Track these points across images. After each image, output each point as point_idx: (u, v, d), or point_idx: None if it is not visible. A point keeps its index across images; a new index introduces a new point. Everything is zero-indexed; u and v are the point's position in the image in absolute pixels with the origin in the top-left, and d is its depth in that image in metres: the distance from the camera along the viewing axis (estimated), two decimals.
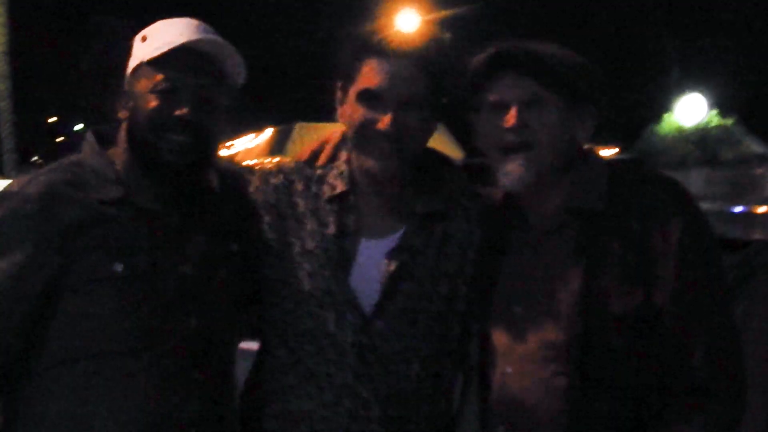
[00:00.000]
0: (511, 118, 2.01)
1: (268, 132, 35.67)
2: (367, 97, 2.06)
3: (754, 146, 43.24)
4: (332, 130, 2.29)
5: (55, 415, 2.01)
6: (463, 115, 2.16)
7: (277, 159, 2.32)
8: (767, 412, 2.68)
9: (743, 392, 1.99)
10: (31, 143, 39.32)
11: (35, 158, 42.32)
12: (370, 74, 2.06)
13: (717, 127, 45.80)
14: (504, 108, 2.03)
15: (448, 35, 2.16)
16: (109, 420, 1.99)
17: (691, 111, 47.85)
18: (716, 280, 2.01)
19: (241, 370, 2.31)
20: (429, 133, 2.14)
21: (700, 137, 44.11)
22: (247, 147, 36.18)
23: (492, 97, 2.06)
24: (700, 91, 48.56)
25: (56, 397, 2.01)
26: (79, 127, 48.92)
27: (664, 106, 46.79)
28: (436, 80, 2.08)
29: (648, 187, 2.06)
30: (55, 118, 50.94)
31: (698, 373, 1.93)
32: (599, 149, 2.10)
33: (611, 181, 2.06)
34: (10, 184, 2.08)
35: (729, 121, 46.36)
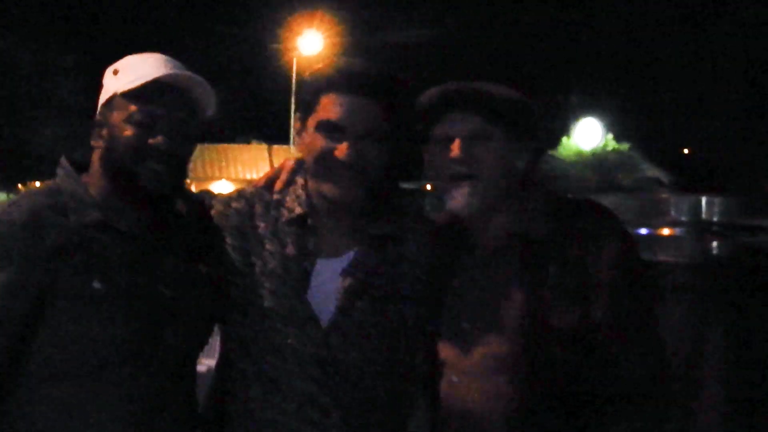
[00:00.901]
0: (456, 149, 2.12)
1: None
2: (326, 127, 2.14)
3: (651, 171, 44.13)
4: (248, 153, 2.33)
5: (39, 430, 2.03)
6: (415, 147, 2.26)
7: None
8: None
9: (671, 396, 2.13)
10: None
11: None
12: (330, 107, 2.14)
13: (614, 152, 46.59)
14: (451, 141, 2.14)
15: (402, 74, 2.23)
16: None
17: (588, 135, 48.58)
18: (645, 299, 2.13)
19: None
20: (383, 162, 2.20)
21: (599, 162, 44.83)
22: None
23: (440, 131, 2.17)
24: (596, 116, 49.37)
25: (40, 413, 2.03)
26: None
27: (564, 131, 47.42)
28: (390, 114, 2.16)
29: (584, 215, 2.18)
30: None
31: (631, 379, 2.06)
32: None
33: (551, 208, 2.18)
34: None
35: (625, 147, 47.23)
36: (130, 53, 2.20)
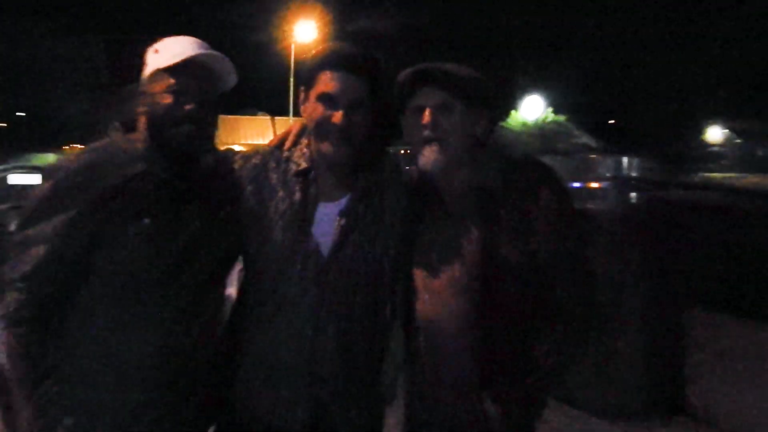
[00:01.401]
0: (426, 117, 2.18)
1: None
2: (324, 98, 2.20)
3: (582, 138, 44.24)
4: (255, 123, 2.38)
5: (96, 344, 2.08)
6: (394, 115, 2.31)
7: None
8: None
9: (596, 311, 2.22)
10: None
11: None
12: (326, 81, 2.20)
13: (553, 122, 46.64)
14: (422, 111, 2.19)
15: (382, 55, 2.27)
16: (138, 344, 2.09)
17: (531, 109, 48.56)
18: (575, 235, 2.20)
19: None
20: (368, 127, 2.25)
21: (540, 131, 44.83)
22: None
23: (414, 103, 2.23)
24: (539, 93, 49.32)
25: (97, 327, 2.09)
26: (20, 114, 46.51)
27: (511, 106, 47.38)
28: (373, 88, 2.23)
29: (527, 169, 2.24)
30: None
31: (562, 296, 2.15)
32: None
33: (501, 165, 2.24)
34: (58, 161, 2.18)
35: (562, 118, 47.25)
36: (146, 39, 2.25)
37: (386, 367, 2.38)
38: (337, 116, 2.20)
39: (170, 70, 2.13)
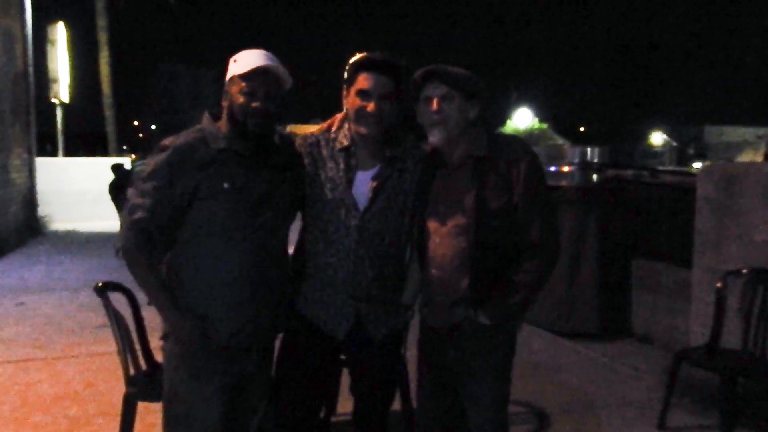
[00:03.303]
0: (434, 104, 2.16)
1: None
2: (360, 93, 2.19)
3: (559, 141, 43.90)
4: (317, 127, 2.39)
5: (197, 267, 2.13)
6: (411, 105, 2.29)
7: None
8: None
9: (558, 248, 2.20)
10: (124, 137, 38.23)
11: (125, 147, 41.19)
12: (362, 80, 2.19)
13: (538, 129, 46.32)
14: (431, 100, 2.17)
15: (403, 61, 2.25)
16: (225, 269, 2.12)
17: (522, 120, 48.21)
18: (543, 191, 2.19)
19: None
20: (394, 113, 2.23)
21: (527, 136, 44.52)
22: None
23: (424, 94, 2.20)
24: (528, 107, 48.92)
25: (192, 257, 2.13)
26: (153, 127, 47.48)
27: (506, 116, 47.09)
28: (398, 84, 2.21)
29: (509, 142, 2.23)
30: (137, 123, 49.40)
31: (534, 237, 2.13)
32: None
33: (490, 139, 2.22)
34: (167, 140, 2.17)
35: (544, 126, 46.90)
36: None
37: (408, 290, 2.36)
38: (371, 106, 2.18)
39: (243, 76, 2.12)
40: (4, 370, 4.51)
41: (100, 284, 2.95)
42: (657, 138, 55.48)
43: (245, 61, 2.14)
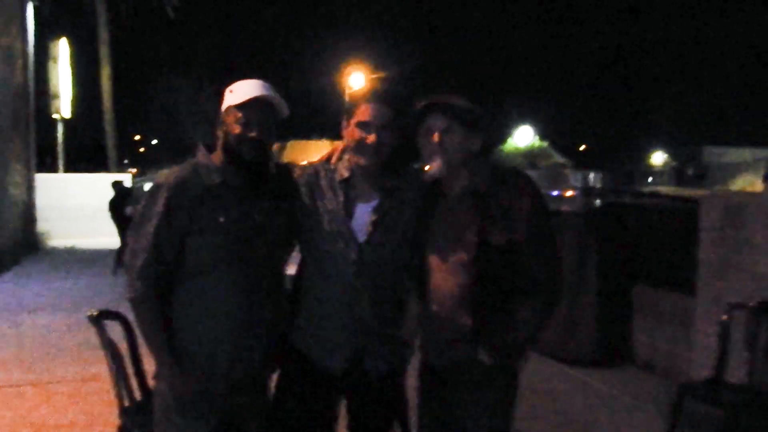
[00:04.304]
0: (435, 137, 2.12)
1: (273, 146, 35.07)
2: (360, 125, 2.16)
3: (558, 158, 44.02)
4: (319, 146, 2.35)
5: (192, 304, 2.10)
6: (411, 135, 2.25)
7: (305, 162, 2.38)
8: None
9: (563, 287, 2.15)
10: (124, 151, 38.20)
11: (125, 161, 41.28)
12: (362, 111, 2.16)
13: (538, 147, 46.37)
14: (432, 132, 2.13)
15: (403, 91, 2.23)
16: (219, 306, 2.09)
17: (523, 137, 48.27)
18: (548, 228, 2.13)
19: None
20: (393, 144, 2.20)
21: (528, 153, 44.58)
22: None
23: (425, 126, 2.16)
24: (529, 125, 49.05)
25: (192, 293, 2.10)
26: (154, 142, 47.61)
27: (507, 134, 47.21)
28: (397, 115, 2.17)
29: (511, 177, 2.17)
30: (138, 137, 49.51)
31: (539, 275, 2.09)
32: None
33: (492, 173, 2.17)
34: (159, 176, 2.15)
35: (545, 144, 46.98)
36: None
37: (407, 325, 2.30)
38: (371, 138, 2.15)
39: (239, 106, 2.10)
40: None
41: (94, 313, 2.91)
42: (657, 158, 55.57)
43: (242, 90, 2.12)
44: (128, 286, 2.07)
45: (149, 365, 2.40)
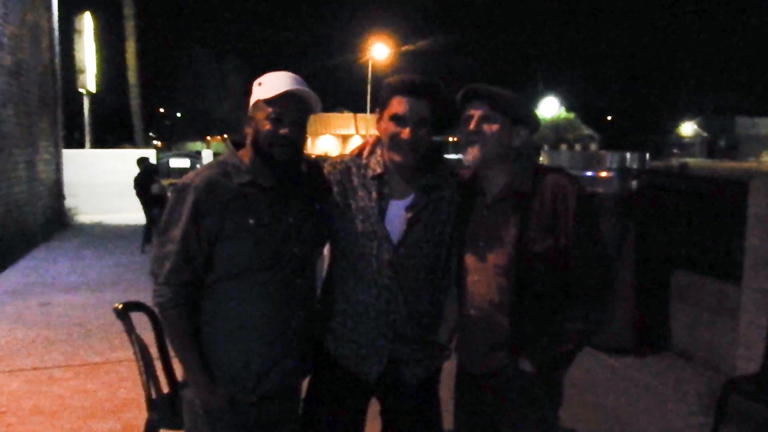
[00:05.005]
0: (472, 124, 2.01)
1: None
2: (395, 118, 2.02)
3: (586, 131, 43.37)
4: (341, 118, 2.18)
5: (221, 312, 1.99)
6: (450, 127, 2.14)
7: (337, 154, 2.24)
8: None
9: (611, 295, 2.01)
10: (150, 125, 38.49)
11: (151, 134, 41.55)
12: (397, 105, 2.02)
13: (564, 119, 45.67)
14: (471, 119, 2.02)
15: (441, 83, 2.07)
16: (251, 313, 1.98)
17: (549, 108, 47.59)
18: (595, 229, 1.99)
19: None
20: (431, 139, 2.08)
21: (554, 125, 43.96)
22: None
23: (464, 114, 2.04)
24: (555, 95, 48.28)
25: (221, 300, 1.99)
26: (178, 115, 47.80)
27: (534, 105, 46.55)
28: (434, 108, 2.03)
29: (555, 176, 2.02)
30: (162, 110, 49.69)
31: (589, 281, 1.96)
32: None
33: (534, 173, 2.04)
34: (186, 178, 2.01)
35: (571, 115, 46.24)
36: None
37: (443, 330, 2.20)
38: (406, 132, 2.01)
39: (270, 101, 1.96)
40: (28, 377, 4.45)
41: (120, 306, 2.84)
42: (687, 128, 54.41)
43: (271, 84, 1.98)
44: (155, 292, 1.96)
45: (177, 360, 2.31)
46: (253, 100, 2.02)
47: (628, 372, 4.71)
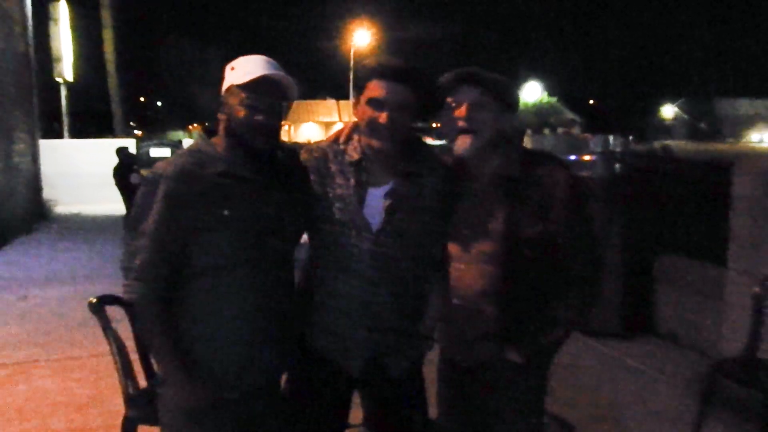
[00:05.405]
0: (462, 110, 1.94)
1: None
2: (372, 102, 1.95)
3: (569, 115, 43.55)
4: (324, 105, 2.11)
5: (199, 307, 1.90)
6: (433, 112, 2.07)
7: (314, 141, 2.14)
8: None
9: (600, 282, 1.96)
10: (130, 114, 38.01)
11: (132, 123, 41.06)
12: (374, 88, 1.94)
13: (547, 103, 45.76)
14: (460, 105, 1.95)
15: (422, 64, 2.00)
16: (229, 307, 1.90)
17: (531, 93, 47.62)
18: (585, 215, 1.94)
19: None
20: (410, 124, 2.00)
21: (537, 109, 44.04)
22: None
23: (452, 99, 1.97)
24: (537, 80, 48.33)
25: (198, 295, 1.90)
26: (159, 104, 47.35)
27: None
28: (414, 92, 1.95)
29: (545, 162, 1.97)
30: (143, 99, 49.33)
31: (578, 268, 1.91)
32: None
33: (523, 157, 1.98)
34: (157, 167, 1.92)
35: (554, 99, 46.34)
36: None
37: (427, 320, 2.13)
38: (383, 117, 1.93)
39: (244, 86, 1.86)
40: (5, 372, 4.35)
41: (94, 300, 2.75)
42: (668, 111, 54.84)
43: (245, 68, 1.89)
44: (127, 288, 1.87)
45: None
46: (225, 85, 1.92)
47: (615, 355, 4.69)
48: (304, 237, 2.15)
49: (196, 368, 1.89)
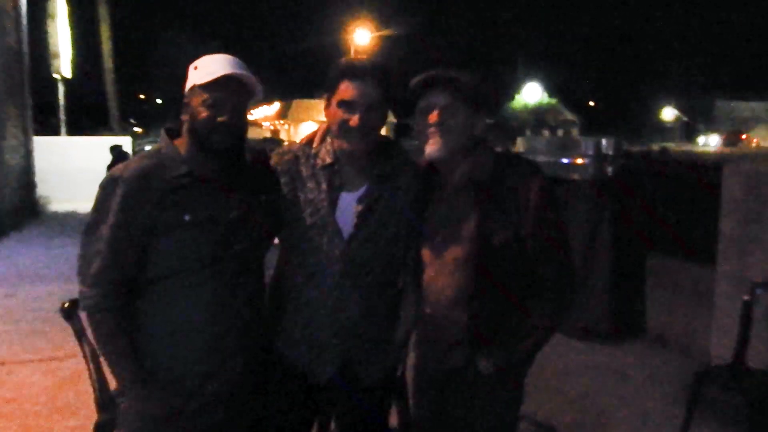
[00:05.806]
0: (434, 116, 1.88)
1: (276, 105, 34.52)
2: (343, 104, 1.89)
3: (568, 116, 43.54)
4: (322, 102, 2.06)
5: (157, 314, 1.84)
6: (405, 114, 2.00)
7: (287, 142, 2.08)
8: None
9: (574, 288, 1.90)
10: (129, 111, 37.88)
11: (132, 120, 41.02)
12: (345, 90, 1.88)
13: (547, 104, 45.76)
14: (431, 110, 1.89)
15: (392, 65, 1.95)
16: (190, 314, 1.84)
17: (531, 94, 47.59)
18: (557, 221, 1.88)
19: None
20: (382, 126, 1.95)
21: (537, 110, 44.05)
22: (265, 114, 35.19)
23: (423, 103, 1.91)
24: (538, 81, 48.29)
25: (157, 301, 1.84)
26: (159, 101, 47.31)
27: (515, 91, 46.58)
28: (386, 93, 1.90)
29: (516, 166, 1.92)
30: (142, 96, 49.26)
31: (548, 275, 1.85)
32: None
33: (494, 161, 1.92)
34: (115, 170, 1.84)
35: (554, 100, 46.34)
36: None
37: (401, 327, 2.07)
38: (354, 119, 1.87)
39: (206, 86, 1.80)
40: None
41: (66, 304, 2.68)
42: (668, 113, 54.86)
43: (207, 68, 1.83)
44: (82, 294, 1.80)
45: None
46: (188, 85, 1.86)
47: (603, 359, 4.63)
48: (276, 241, 2.09)
49: (154, 377, 1.83)
